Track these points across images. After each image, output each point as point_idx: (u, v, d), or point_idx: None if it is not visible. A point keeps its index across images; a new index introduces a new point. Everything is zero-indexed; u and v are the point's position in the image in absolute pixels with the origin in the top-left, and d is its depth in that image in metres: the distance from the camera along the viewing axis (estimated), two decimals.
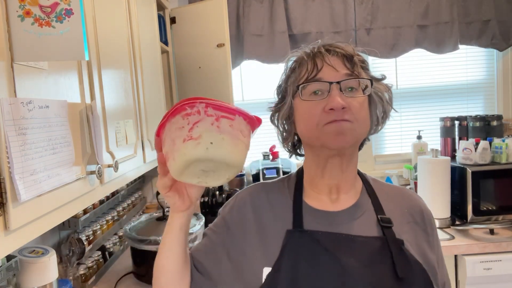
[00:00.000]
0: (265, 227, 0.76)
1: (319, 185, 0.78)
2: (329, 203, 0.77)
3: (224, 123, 0.60)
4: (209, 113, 0.59)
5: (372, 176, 0.85)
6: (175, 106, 0.60)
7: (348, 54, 0.73)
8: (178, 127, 0.60)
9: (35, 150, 0.66)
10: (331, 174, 0.76)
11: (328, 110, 0.69)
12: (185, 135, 0.58)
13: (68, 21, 0.64)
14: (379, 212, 0.76)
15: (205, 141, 0.58)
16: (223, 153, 0.59)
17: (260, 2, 2.18)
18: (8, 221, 0.60)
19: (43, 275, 0.98)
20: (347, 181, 0.78)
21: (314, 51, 0.75)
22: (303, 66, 0.75)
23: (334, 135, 0.69)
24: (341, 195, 0.78)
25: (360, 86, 0.72)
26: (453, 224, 1.85)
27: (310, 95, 0.72)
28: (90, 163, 0.91)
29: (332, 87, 0.69)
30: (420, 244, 0.75)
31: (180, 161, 0.59)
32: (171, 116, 0.61)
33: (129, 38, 1.29)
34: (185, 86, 2.04)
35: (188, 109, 0.60)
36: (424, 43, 2.25)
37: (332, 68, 0.71)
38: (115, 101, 1.10)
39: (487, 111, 2.43)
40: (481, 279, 1.64)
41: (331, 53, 0.73)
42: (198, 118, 0.59)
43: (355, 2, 2.21)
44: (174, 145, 0.60)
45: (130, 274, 1.54)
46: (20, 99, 0.64)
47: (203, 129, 0.58)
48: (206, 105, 0.59)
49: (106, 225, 1.65)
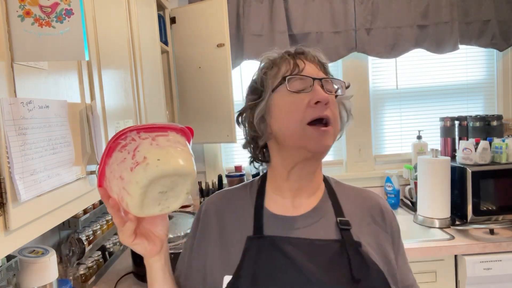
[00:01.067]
0: (227, 235, 0.76)
1: (283, 188, 0.79)
2: (291, 208, 0.77)
3: (161, 140, 0.60)
4: (143, 136, 0.59)
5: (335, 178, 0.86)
6: (107, 147, 0.60)
7: (322, 61, 0.78)
8: (120, 161, 0.58)
9: (35, 150, 0.66)
10: (298, 176, 0.77)
11: (314, 104, 0.70)
12: (130, 163, 0.57)
13: (68, 21, 0.64)
14: (339, 215, 0.76)
15: (152, 160, 0.57)
16: (173, 164, 0.58)
17: (260, 2, 2.18)
18: (8, 221, 0.60)
19: (43, 275, 0.98)
20: (311, 184, 0.79)
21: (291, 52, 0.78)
22: (284, 62, 0.76)
23: (317, 139, 0.70)
24: (303, 199, 0.78)
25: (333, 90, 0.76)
26: (453, 224, 1.85)
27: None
28: (90, 163, 0.91)
29: (315, 82, 0.72)
30: (381, 244, 0.75)
31: (136, 191, 0.57)
32: (108, 157, 0.60)
33: (129, 38, 1.29)
34: (185, 86, 2.04)
35: (122, 142, 0.59)
36: (424, 43, 2.25)
37: (314, 67, 0.75)
38: (115, 101, 1.10)
39: (487, 111, 2.43)
40: (481, 279, 1.64)
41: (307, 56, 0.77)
42: (136, 144, 0.59)
43: (355, 2, 2.20)
44: (123, 180, 0.58)
45: (130, 274, 1.54)
46: (20, 99, 0.64)
47: (145, 150, 0.58)
48: (137, 131, 0.59)
49: (106, 225, 1.65)
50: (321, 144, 0.70)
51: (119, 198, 0.60)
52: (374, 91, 2.39)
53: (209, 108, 1.98)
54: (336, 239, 0.72)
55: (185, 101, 2.05)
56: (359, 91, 2.34)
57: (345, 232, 0.73)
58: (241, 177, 2.18)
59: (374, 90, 2.39)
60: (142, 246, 0.68)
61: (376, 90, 2.39)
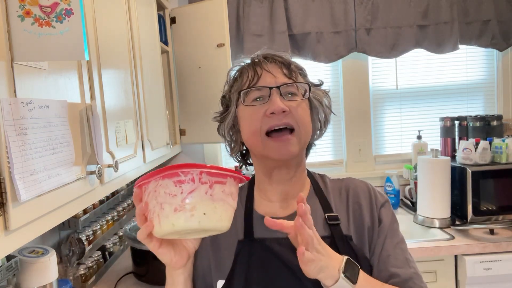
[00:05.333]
0: (219, 240, 0.77)
1: (268, 192, 0.79)
2: (279, 209, 0.78)
3: (217, 189, 0.57)
4: (203, 180, 0.56)
5: (321, 173, 0.86)
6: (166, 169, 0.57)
7: (286, 61, 0.76)
8: (169, 193, 0.56)
9: (35, 150, 0.66)
10: (278, 181, 0.78)
11: (269, 114, 0.70)
12: (178, 204, 0.55)
13: (68, 21, 0.64)
14: (327, 211, 0.76)
15: (198, 213, 0.55)
16: (214, 223, 0.57)
17: (260, 2, 2.18)
18: (8, 221, 0.60)
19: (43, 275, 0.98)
20: (295, 186, 0.79)
21: (254, 60, 0.78)
22: (244, 74, 0.77)
23: (278, 149, 0.71)
24: (290, 200, 0.78)
25: (299, 91, 0.75)
26: (453, 224, 1.85)
27: (252, 101, 0.74)
28: (90, 163, 0.91)
29: (272, 92, 0.72)
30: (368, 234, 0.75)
31: (167, 229, 0.57)
32: (161, 178, 0.57)
33: (129, 38, 1.29)
34: (185, 86, 2.04)
35: (181, 176, 0.56)
36: (424, 43, 2.25)
37: (271, 74, 0.74)
38: (115, 101, 1.10)
39: (487, 111, 2.43)
40: (481, 279, 1.64)
41: (269, 61, 0.76)
42: (193, 187, 0.56)
43: (355, 2, 2.20)
44: (162, 210, 0.57)
45: (130, 274, 1.54)
46: (20, 99, 0.64)
47: (198, 199, 0.56)
48: (200, 171, 0.56)
49: (106, 225, 1.65)
50: (282, 153, 0.71)
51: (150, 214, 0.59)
52: (374, 91, 2.39)
53: (209, 108, 1.96)
54: (326, 235, 0.73)
55: (185, 101, 2.05)
56: (359, 91, 2.34)
57: (334, 227, 0.73)
58: None
59: (374, 90, 2.39)
60: (167, 256, 0.65)
61: (376, 90, 2.39)
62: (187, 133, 2.06)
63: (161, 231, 0.58)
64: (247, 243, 0.74)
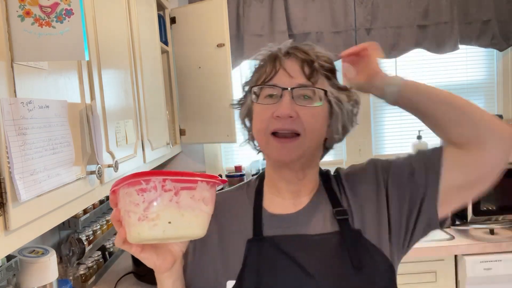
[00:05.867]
0: (227, 239, 0.75)
1: (280, 188, 0.77)
2: (291, 206, 0.76)
3: (184, 196, 0.55)
4: (167, 187, 0.54)
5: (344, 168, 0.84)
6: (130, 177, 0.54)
7: (309, 59, 0.71)
8: (133, 201, 0.54)
9: (35, 150, 0.66)
10: (288, 181, 0.76)
11: (276, 117, 0.68)
12: (140, 213, 0.54)
13: (68, 21, 0.64)
14: (336, 205, 0.74)
15: (162, 222, 0.53)
16: (182, 231, 0.55)
17: (260, 2, 2.18)
18: (8, 221, 0.60)
19: (43, 275, 0.98)
20: (306, 186, 0.77)
21: (276, 53, 0.73)
22: (263, 68, 0.74)
23: (278, 150, 0.69)
24: (302, 197, 0.77)
25: (316, 95, 0.70)
26: (453, 224, 1.85)
27: (265, 98, 0.71)
28: (90, 163, 0.91)
29: (284, 93, 0.68)
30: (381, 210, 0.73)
31: (135, 237, 0.55)
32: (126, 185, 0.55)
33: (129, 38, 1.29)
34: (185, 86, 2.04)
35: (143, 184, 0.53)
36: (424, 43, 2.25)
37: (287, 73, 0.70)
38: (115, 101, 1.10)
39: (487, 111, 2.42)
40: (481, 279, 1.64)
41: (290, 57, 0.71)
42: (155, 196, 0.53)
43: (355, 2, 2.20)
44: (129, 218, 0.55)
45: (130, 274, 1.54)
46: (20, 99, 0.64)
47: (161, 207, 0.53)
48: (163, 179, 0.54)
49: (106, 225, 1.65)
50: (281, 155, 0.69)
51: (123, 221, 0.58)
52: None
53: (209, 108, 1.98)
54: (335, 231, 0.71)
55: (185, 101, 2.05)
56: None
57: (343, 222, 0.72)
58: (241, 177, 2.18)
59: None
60: (150, 260, 0.63)
61: None
62: (187, 133, 2.06)
63: (131, 239, 0.56)
64: (256, 242, 0.72)
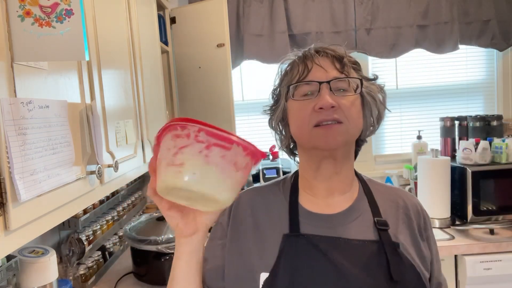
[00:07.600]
0: (262, 232, 0.75)
1: (314, 187, 0.78)
2: (325, 206, 0.76)
3: (215, 152, 0.52)
4: (200, 138, 0.52)
5: (367, 176, 0.85)
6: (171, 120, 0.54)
7: (338, 55, 0.74)
8: (166, 147, 0.54)
9: (35, 150, 0.66)
10: (324, 176, 0.76)
11: (318, 109, 0.69)
12: (169, 159, 0.53)
13: (68, 21, 0.64)
14: (376, 215, 0.75)
15: (187, 170, 0.51)
16: (205, 187, 0.52)
17: (260, 2, 2.18)
18: (8, 221, 0.60)
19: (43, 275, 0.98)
20: (341, 183, 0.78)
21: (305, 53, 0.76)
22: (295, 68, 0.76)
23: (324, 137, 0.70)
24: (336, 197, 0.77)
25: (351, 86, 0.73)
26: (453, 224, 1.85)
27: (301, 96, 0.73)
28: (90, 163, 0.91)
29: (322, 87, 0.70)
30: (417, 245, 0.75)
31: (160, 184, 0.54)
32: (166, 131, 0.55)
33: (129, 38, 1.29)
34: (185, 86, 2.04)
35: (178, 130, 0.53)
36: (424, 43, 2.25)
37: (322, 68, 0.73)
38: (115, 101, 1.10)
39: (487, 111, 2.43)
40: (481, 279, 1.64)
41: (321, 55, 0.74)
42: (186, 143, 0.52)
43: (355, 2, 2.21)
44: (160, 165, 0.55)
45: (130, 274, 1.54)
46: (20, 99, 0.64)
47: (188, 156, 0.51)
48: (199, 129, 0.52)
49: (106, 225, 1.65)
50: (328, 141, 0.70)
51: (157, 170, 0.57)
52: None
53: (209, 108, 1.98)
54: (374, 239, 0.71)
55: (185, 101, 2.05)
56: None
57: (383, 233, 0.72)
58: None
59: None
60: (173, 220, 0.63)
61: None
62: None
63: (158, 188, 0.55)
64: (293, 238, 0.71)
